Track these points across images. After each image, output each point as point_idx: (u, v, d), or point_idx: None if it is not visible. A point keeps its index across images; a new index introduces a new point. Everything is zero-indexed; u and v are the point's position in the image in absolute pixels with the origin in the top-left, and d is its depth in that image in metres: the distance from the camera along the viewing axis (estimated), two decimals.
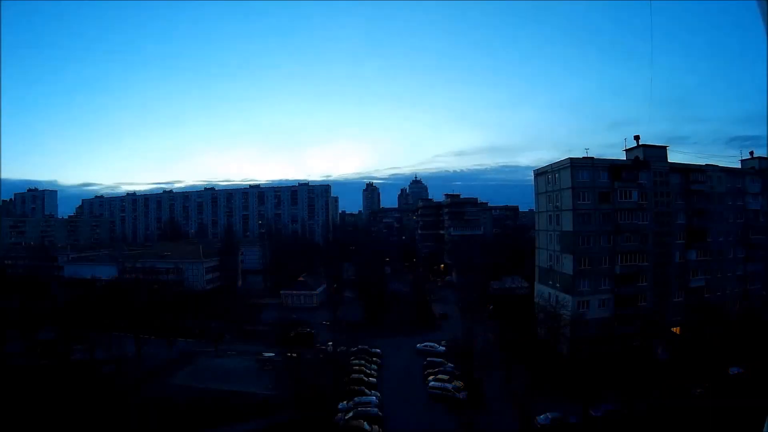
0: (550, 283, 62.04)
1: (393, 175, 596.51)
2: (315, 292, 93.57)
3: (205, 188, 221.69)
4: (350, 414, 40.72)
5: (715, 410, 38.42)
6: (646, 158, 60.57)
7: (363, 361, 55.51)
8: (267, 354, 61.44)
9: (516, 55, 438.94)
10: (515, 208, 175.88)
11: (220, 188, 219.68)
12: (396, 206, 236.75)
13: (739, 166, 69.53)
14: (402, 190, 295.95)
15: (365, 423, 38.60)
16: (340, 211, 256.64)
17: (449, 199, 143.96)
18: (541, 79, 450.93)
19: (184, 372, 55.10)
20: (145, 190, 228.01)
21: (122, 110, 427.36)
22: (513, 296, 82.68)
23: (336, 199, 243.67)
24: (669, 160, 61.76)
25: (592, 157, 58.02)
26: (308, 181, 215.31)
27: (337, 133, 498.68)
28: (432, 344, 63.82)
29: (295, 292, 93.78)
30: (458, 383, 48.14)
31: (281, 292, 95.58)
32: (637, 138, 62.71)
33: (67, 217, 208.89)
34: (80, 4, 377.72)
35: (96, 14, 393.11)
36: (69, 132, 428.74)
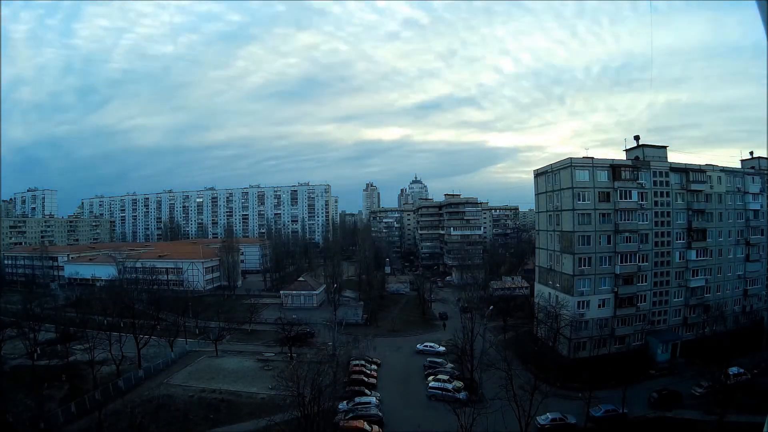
0: (550, 283, 62.00)
1: None
2: (315, 292, 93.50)
3: (206, 188, 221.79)
4: (350, 414, 40.77)
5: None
6: (646, 158, 60.63)
7: (363, 361, 55.50)
8: (267, 354, 61.56)
9: None
10: (515, 209, 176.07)
11: (220, 188, 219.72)
12: (396, 206, 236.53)
13: (739, 166, 69.55)
14: (402, 189, 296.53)
15: (365, 423, 38.64)
16: (340, 211, 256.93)
17: (449, 199, 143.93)
18: None
19: (184, 372, 55.12)
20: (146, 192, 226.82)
21: None
22: (513, 296, 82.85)
23: (336, 199, 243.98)
24: (669, 160, 61.83)
25: (592, 157, 57.92)
26: (308, 181, 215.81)
27: None
28: (432, 344, 63.88)
29: (295, 292, 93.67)
30: (458, 383, 48.22)
31: (281, 292, 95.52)
32: (637, 138, 62.87)
33: (67, 217, 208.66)
34: None
35: None
36: None
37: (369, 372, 53.12)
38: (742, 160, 71.27)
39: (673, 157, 63.03)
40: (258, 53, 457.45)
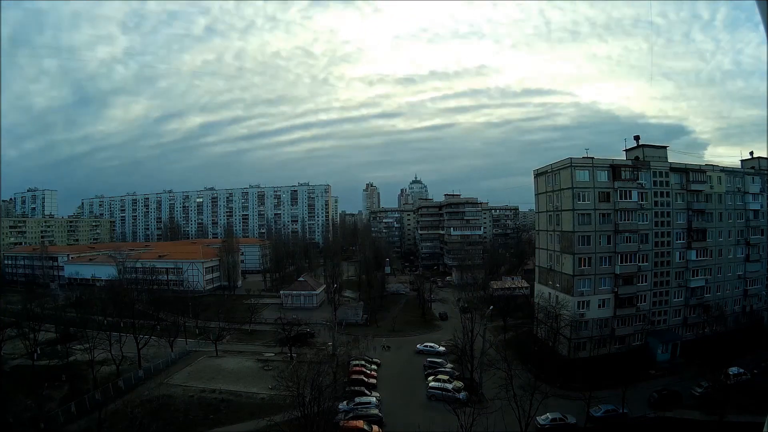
0: (550, 283, 62.00)
1: None
2: (315, 292, 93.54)
3: (206, 188, 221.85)
4: (350, 414, 40.77)
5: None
6: (646, 158, 60.63)
7: (363, 361, 55.48)
8: (267, 354, 61.58)
9: None
10: (515, 209, 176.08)
11: (220, 188, 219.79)
12: (396, 206, 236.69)
13: (739, 166, 69.57)
14: (402, 190, 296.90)
15: (365, 423, 38.63)
16: (340, 212, 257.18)
17: (449, 199, 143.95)
18: None
19: (184, 372, 55.12)
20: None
21: None
22: (513, 296, 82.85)
23: (336, 199, 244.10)
24: (669, 160, 61.83)
25: (592, 157, 57.94)
26: (308, 181, 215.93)
27: None
28: (432, 344, 63.89)
29: (295, 292, 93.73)
30: (458, 383, 48.20)
31: (281, 292, 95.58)
32: (637, 138, 62.89)
33: (67, 217, 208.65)
34: None
35: None
36: None
37: (369, 372, 53.10)
38: (742, 160, 71.33)
39: (673, 156, 63.11)
40: None
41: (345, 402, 43.11)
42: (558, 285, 59.41)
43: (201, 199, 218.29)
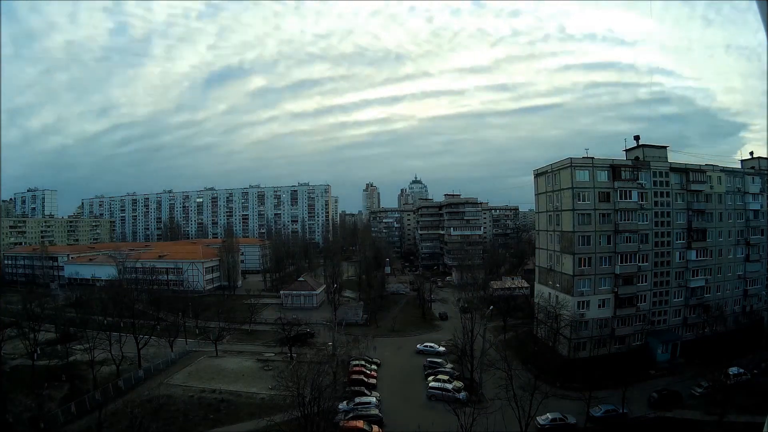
0: (550, 283, 61.98)
1: None
2: (315, 292, 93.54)
3: (206, 188, 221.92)
4: (350, 414, 40.77)
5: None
6: (646, 158, 60.62)
7: (363, 361, 55.47)
8: (267, 354, 61.58)
9: None
10: (515, 209, 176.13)
11: (220, 188, 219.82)
12: (396, 206, 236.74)
13: (739, 166, 69.55)
14: (402, 190, 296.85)
15: (365, 423, 38.62)
16: (340, 212, 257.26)
17: (449, 199, 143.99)
18: None
19: (184, 372, 55.12)
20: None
21: None
22: (513, 296, 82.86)
23: (336, 199, 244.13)
24: (669, 160, 61.82)
25: (592, 157, 57.91)
26: (308, 182, 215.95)
27: None
28: (432, 344, 63.89)
29: (295, 292, 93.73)
30: (458, 383, 48.21)
31: (281, 292, 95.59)
32: (637, 138, 62.88)
33: (67, 217, 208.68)
34: None
35: None
36: None
37: (369, 372, 53.10)
38: (742, 160, 71.34)
39: (673, 156, 63.10)
40: None
41: (345, 402, 43.14)
42: (558, 285, 59.39)
43: (201, 199, 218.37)
